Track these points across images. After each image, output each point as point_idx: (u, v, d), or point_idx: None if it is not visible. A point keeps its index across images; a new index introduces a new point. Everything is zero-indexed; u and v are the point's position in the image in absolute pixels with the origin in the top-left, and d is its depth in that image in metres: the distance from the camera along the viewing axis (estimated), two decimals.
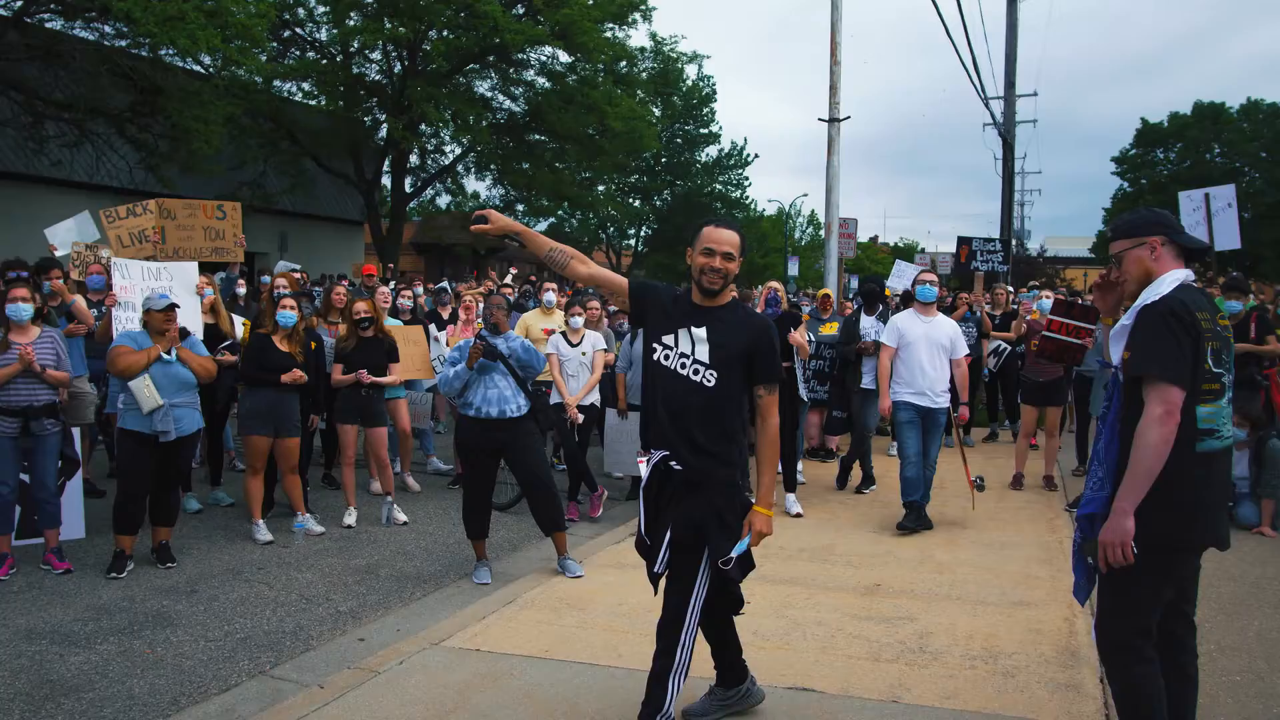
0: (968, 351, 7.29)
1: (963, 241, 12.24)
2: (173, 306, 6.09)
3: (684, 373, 3.41)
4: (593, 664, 4.51)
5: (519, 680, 4.32)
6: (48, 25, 16.37)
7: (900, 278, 12.51)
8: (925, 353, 7.16)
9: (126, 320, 6.88)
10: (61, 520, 6.12)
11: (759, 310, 7.84)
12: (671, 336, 3.45)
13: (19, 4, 15.68)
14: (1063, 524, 7.39)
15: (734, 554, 3.39)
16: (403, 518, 7.45)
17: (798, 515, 7.61)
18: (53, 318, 7.02)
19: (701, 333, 3.41)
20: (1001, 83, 20.66)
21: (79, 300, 7.60)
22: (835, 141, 11.45)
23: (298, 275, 11.49)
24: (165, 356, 6.00)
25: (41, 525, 6.07)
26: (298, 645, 4.96)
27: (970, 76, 15.10)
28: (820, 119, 11.40)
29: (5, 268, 7.20)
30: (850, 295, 15.30)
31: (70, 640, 4.89)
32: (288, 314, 6.80)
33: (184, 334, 6.26)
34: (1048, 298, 8.95)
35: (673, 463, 3.43)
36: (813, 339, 8.47)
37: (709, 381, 3.39)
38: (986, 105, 18.74)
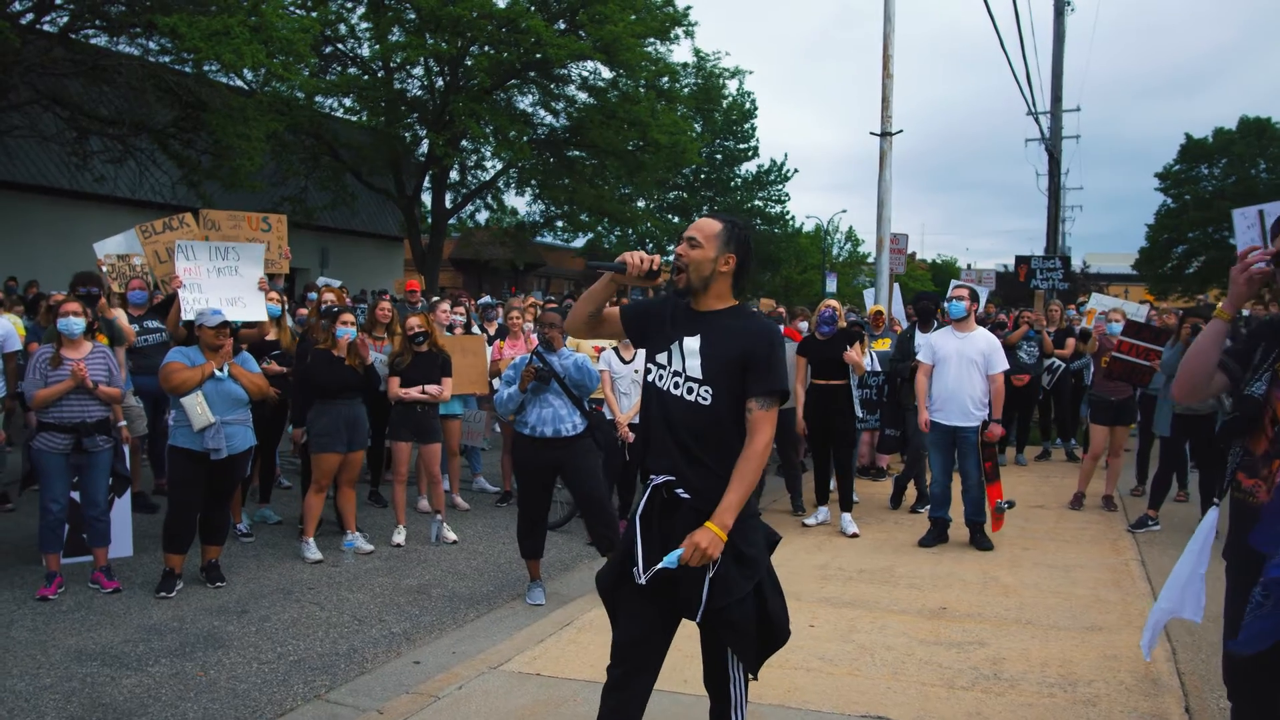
0: (1005, 366, 7.09)
1: (1021, 260, 12.00)
2: (225, 324, 6.05)
3: (678, 393, 3.00)
4: (658, 690, 4.35)
5: (582, 707, 4.18)
6: (92, 41, 16.61)
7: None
8: (955, 369, 7.04)
9: (194, 301, 6.84)
10: (111, 539, 6.08)
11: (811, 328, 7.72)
12: (665, 354, 3.05)
13: (65, 20, 15.92)
14: (1127, 546, 7.14)
15: (662, 565, 2.91)
16: (452, 536, 7.36)
17: (854, 535, 7.44)
18: (120, 333, 7.01)
19: (694, 344, 2.99)
20: (1046, 97, 20.41)
21: (121, 315, 7.62)
22: (887, 155, 11.27)
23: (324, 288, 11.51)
24: (218, 373, 5.95)
25: (91, 543, 6.02)
26: (352, 668, 4.86)
27: (1022, 90, 14.91)
28: (872, 133, 11.24)
29: (77, 282, 7.22)
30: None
31: (122, 662, 4.82)
32: (348, 329, 6.76)
33: (237, 350, 6.22)
34: (1117, 320, 8.75)
35: (679, 490, 2.99)
36: (873, 363, 8.28)
37: (705, 399, 2.96)
38: (1036, 120, 18.47)
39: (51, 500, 5.70)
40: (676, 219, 34.84)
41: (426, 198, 26.33)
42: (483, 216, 29.18)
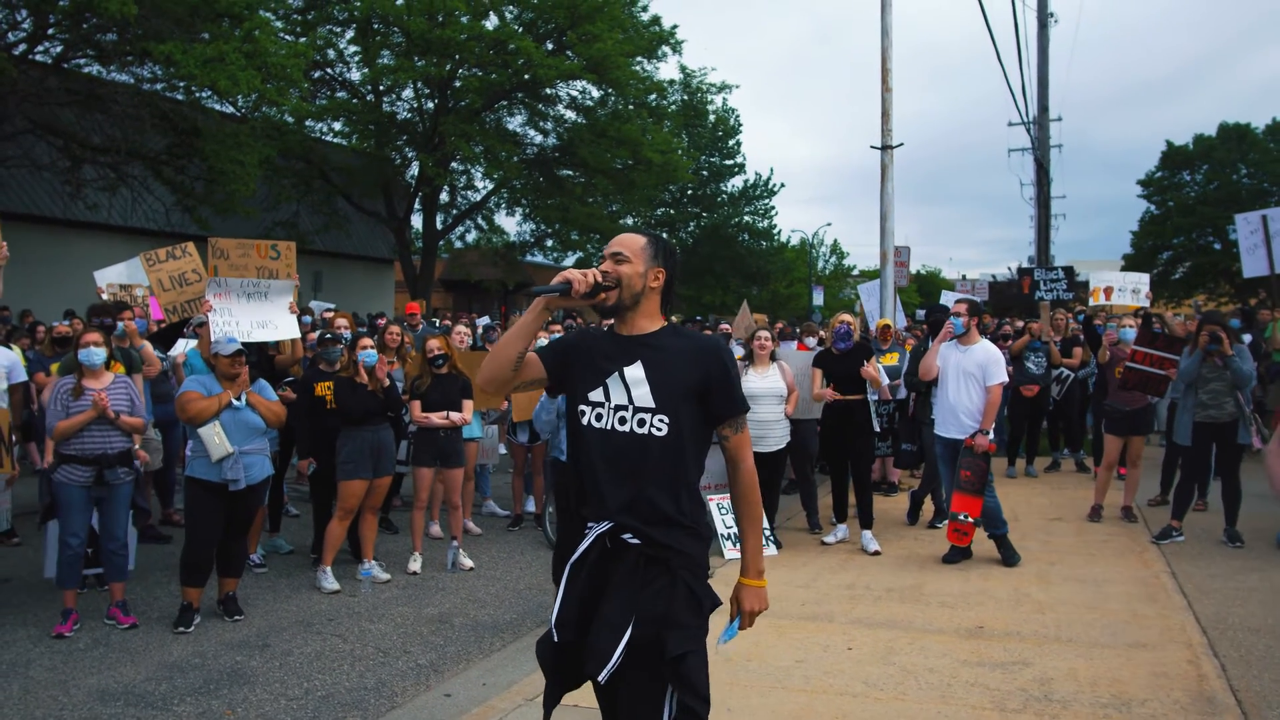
0: (1003, 378, 7.06)
1: (1024, 273, 12.02)
2: (240, 352, 5.94)
3: (625, 429, 2.67)
4: None
5: None
6: (85, 70, 16.53)
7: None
8: (954, 382, 7.05)
9: (224, 325, 6.77)
10: (128, 574, 5.94)
11: (826, 343, 7.66)
12: (599, 390, 2.72)
13: (59, 50, 15.84)
14: (1154, 558, 7.09)
15: (723, 640, 2.76)
16: (469, 563, 7.24)
17: (875, 552, 7.36)
18: (136, 361, 6.90)
19: (636, 370, 2.69)
20: (1031, 108, 20.55)
21: (148, 345, 7.52)
22: (889, 169, 11.27)
23: (331, 314, 11.41)
24: (235, 402, 5.84)
25: (108, 578, 5.88)
26: (383, 702, 4.75)
27: (1016, 101, 14.96)
28: (873, 146, 11.24)
29: (92, 313, 7.12)
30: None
31: (146, 702, 4.69)
32: (369, 353, 6.66)
33: (254, 378, 6.11)
34: (1131, 326, 8.69)
35: (626, 535, 2.65)
36: (888, 380, 8.20)
37: (659, 429, 2.65)
38: (1028, 129, 18.56)
39: (71, 534, 5.56)
40: (664, 234, 34.87)
41: (417, 220, 26.30)
42: (472, 236, 29.14)
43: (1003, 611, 5.84)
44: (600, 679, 2.56)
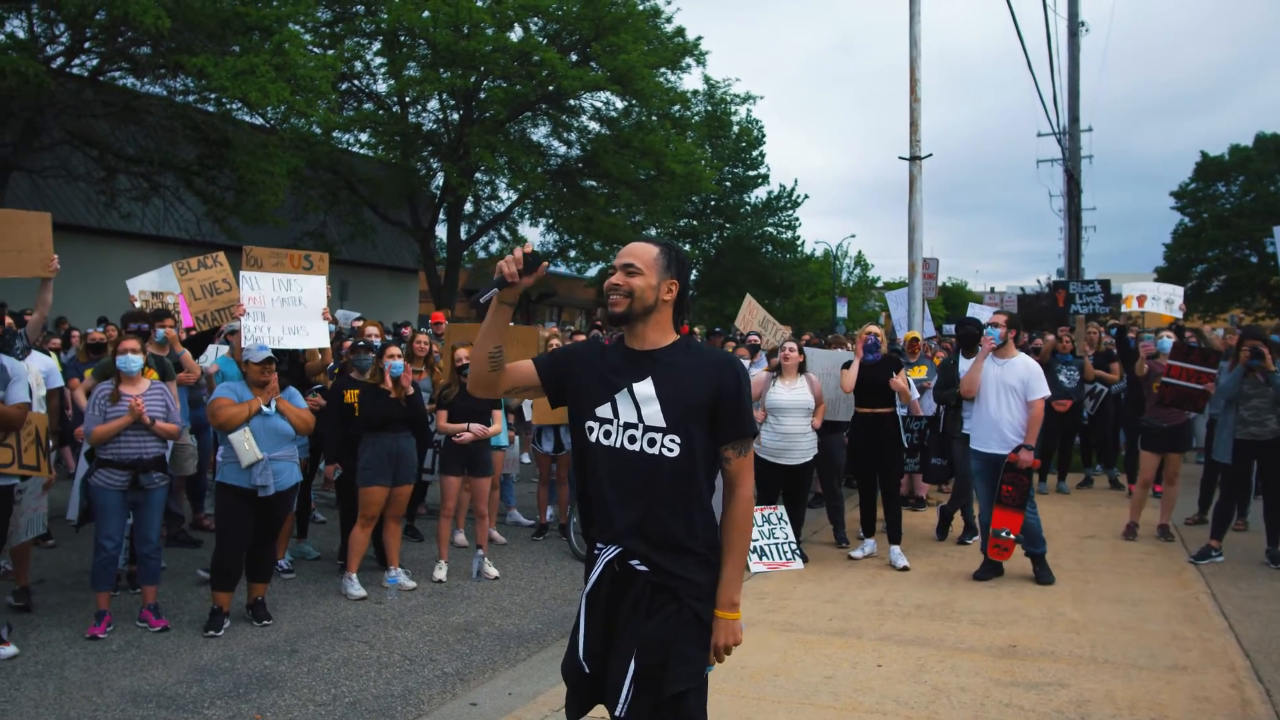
0: (1045, 392, 6.94)
1: (1058, 286, 11.85)
2: (270, 360, 5.98)
3: (634, 448, 2.57)
4: None
5: None
6: (119, 83, 16.80)
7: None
8: (993, 397, 6.95)
9: (256, 330, 6.81)
10: (160, 578, 5.98)
11: (856, 355, 7.60)
12: (607, 407, 2.62)
13: (95, 63, 16.11)
14: (1193, 578, 6.96)
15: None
16: (494, 572, 7.22)
17: (904, 568, 7.28)
18: (169, 368, 6.97)
19: (646, 388, 2.59)
20: (1063, 117, 20.38)
21: (186, 352, 7.59)
22: (917, 180, 11.21)
23: (361, 323, 11.47)
24: (265, 409, 5.88)
25: (141, 581, 5.94)
26: (409, 710, 4.73)
27: (1046, 111, 14.84)
28: (901, 157, 11.19)
29: (126, 320, 7.20)
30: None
31: (177, 704, 4.70)
32: (396, 363, 6.68)
33: (284, 386, 6.14)
34: (1169, 337, 8.54)
35: (634, 561, 2.58)
36: (917, 393, 8.12)
37: (671, 449, 2.55)
38: (1059, 141, 18.42)
39: (105, 537, 5.63)
40: (686, 245, 34.90)
41: (441, 230, 26.43)
42: (496, 247, 29.27)
43: (1036, 630, 5.75)
44: (618, 714, 2.54)
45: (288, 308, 7.01)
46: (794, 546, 7.44)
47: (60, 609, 6.14)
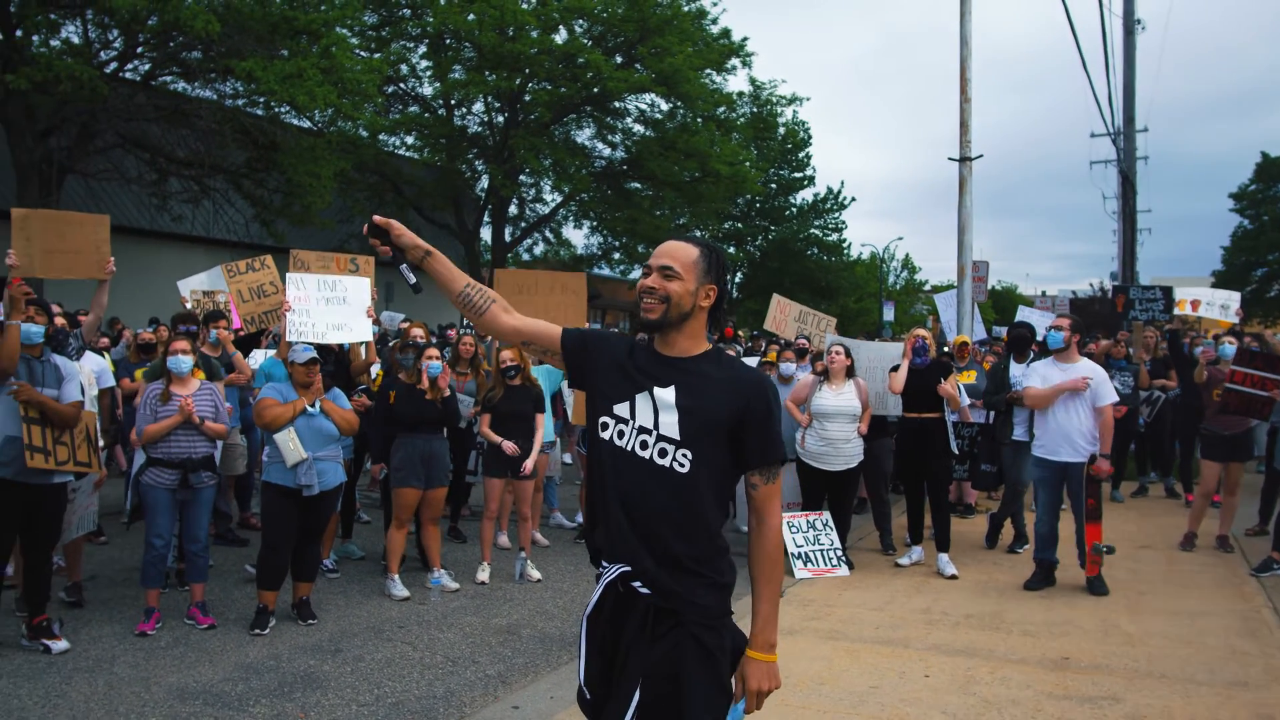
0: (1115, 398, 6.75)
1: (1118, 291, 11.54)
2: (315, 360, 6.02)
3: (644, 455, 2.42)
4: None
5: None
6: (171, 87, 17.14)
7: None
8: (1061, 404, 6.74)
9: (299, 325, 6.88)
10: (207, 576, 6.06)
11: (905, 359, 7.47)
12: (625, 405, 2.47)
13: (147, 68, 16.45)
14: (1253, 591, 6.74)
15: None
16: (536, 574, 7.21)
17: (952, 576, 7.14)
18: (216, 368, 7.06)
19: (668, 395, 2.43)
20: (1118, 117, 19.95)
21: (238, 353, 7.69)
22: (967, 181, 11.00)
23: (407, 324, 11.56)
24: (309, 409, 5.92)
25: (188, 578, 6.02)
26: (451, 712, 4.73)
27: (1101, 112, 14.54)
28: (950, 158, 10.99)
29: (176, 321, 7.33)
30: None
31: (223, 701, 4.74)
32: (434, 364, 6.70)
33: (329, 386, 6.19)
34: (1231, 342, 8.27)
35: (635, 583, 2.42)
36: (967, 399, 7.95)
37: (681, 465, 2.39)
38: (1114, 142, 18.04)
39: (155, 535, 5.71)
40: (731, 248, 34.77)
41: (486, 232, 26.61)
42: (540, 249, 29.41)
43: (1090, 643, 5.59)
44: None
45: (332, 306, 7.06)
46: (839, 553, 7.33)
47: (111, 604, 6.24)
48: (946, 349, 9.76)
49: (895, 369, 7.55)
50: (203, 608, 5.91)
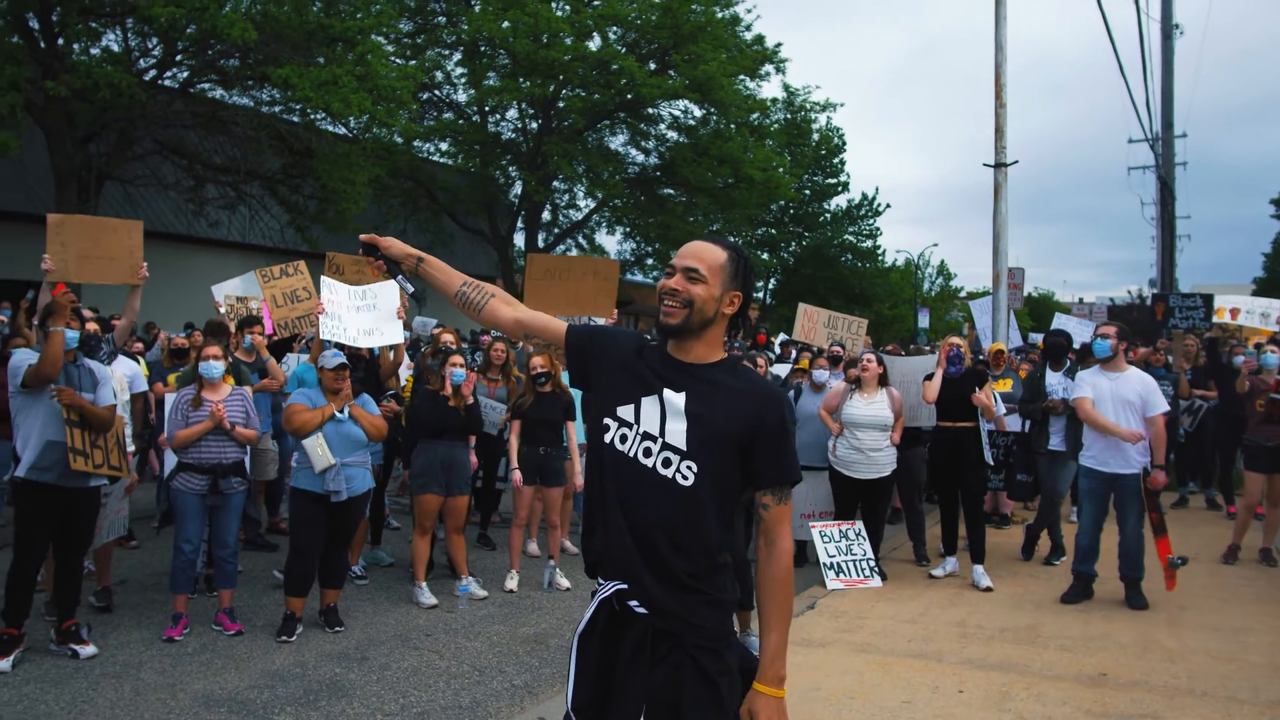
0: (1165, 407, 6.58)
1: (1158, 298, 11.30)
2: (344, 365, 6.03)
3: (648, 463, 2.29)
4: None
5: None
6: (208, 94, 17.40)
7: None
8: (1111, 413, 6.55)
9: (331, 328, 6.90)
10: (235, 582, 6.08)
11: (939, 368, 7.35)
12: (630, 409, 2.34)
13: (185, 75, 16.71)
14: None
15: None
16: (565, 583, 7.17)
17: (987, 588, 7.00)
18: (245, 374, 7.11)
19: (678, 401, 2.30)
20: (1156, 122, 19.61)
21: (272, 359, 7.74)
22: (1002, 187, 10.86)
23: (439, 330, 11.60)
24: (338, 415, 5.93)
25: (217, 584, 6.03)
26: None
27: (1139, 117, 14.29)
28: (985, 164, 10.86)
29: (209, 329, 7.40)
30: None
31: (248, 709, 4.74)
32: (458, 371, 6.69)
33: (358, 393, 6.19)
34: (1273, 351, 8.07)
35: (632, 601, 2.29)
36: (1002, 408, 7.79)
37: (685, 478, 2.27)
38: (1152, 148, 17.73)
39: (185, 540, 5.73)
40: (765, 254, 34.62)
41: (519, 238, 26.72)
42: (573, 255, 29.46)
43: (1128, 658, 5.45)
44: None
45: (363, 313, 7.09)
46: (872, 563, 7.22)
47: (140, 609, 6.28)
48: (982, 357, 9.60)
49: (929, 377, 7.43)
50: (230, 614, 5.92)
